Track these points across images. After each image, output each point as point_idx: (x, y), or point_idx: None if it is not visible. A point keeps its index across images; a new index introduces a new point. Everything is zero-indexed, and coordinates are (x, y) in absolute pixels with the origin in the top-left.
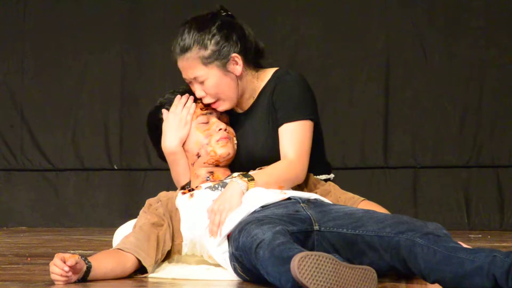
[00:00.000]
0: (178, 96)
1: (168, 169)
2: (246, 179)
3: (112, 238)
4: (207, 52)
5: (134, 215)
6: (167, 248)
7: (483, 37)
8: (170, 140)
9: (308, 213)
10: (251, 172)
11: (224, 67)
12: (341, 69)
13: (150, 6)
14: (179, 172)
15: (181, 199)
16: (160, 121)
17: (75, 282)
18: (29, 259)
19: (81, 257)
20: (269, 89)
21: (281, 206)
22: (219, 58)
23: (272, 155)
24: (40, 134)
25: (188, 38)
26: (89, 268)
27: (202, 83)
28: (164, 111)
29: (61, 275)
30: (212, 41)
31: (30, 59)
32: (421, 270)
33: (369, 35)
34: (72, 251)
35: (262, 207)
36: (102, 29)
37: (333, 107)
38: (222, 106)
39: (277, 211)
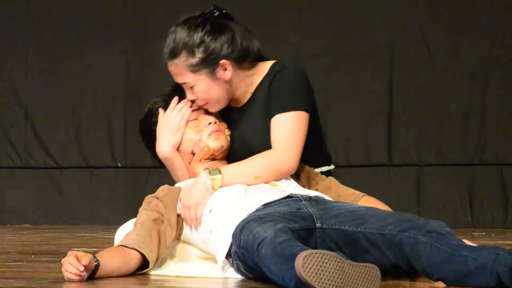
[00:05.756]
0: (176, 98)
1: None
2: (211, 175)
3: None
4: (195, 60)
5: (137, 213)
6: (170, 242)
7: (487, 34)
8: (163, 145)
9: (310, 210)
10: (222, 166)
11: (212, 74)
12: (345, 67)
13: (154, 4)
14: (178, 174)
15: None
16: (152, 125)
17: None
18: (32, 256)
19: (91, 255)
20: (267, 84)
21: (283, 204)
22: (207, 66)
23: (269, 149)
24: (44, 132)
25: (176, 43)
26: (97, 266)
27: (191, 88)
28: (160, 111)
29: (76, 274)
30: (200, 49)
31: (34, 57)
32: (424, 268)
33: (373, 33)
34: (75, 249)
35: (264, 205)
36: (106, 27)
37: (337, 105)
38: (213, 108)
39: (279, 209)
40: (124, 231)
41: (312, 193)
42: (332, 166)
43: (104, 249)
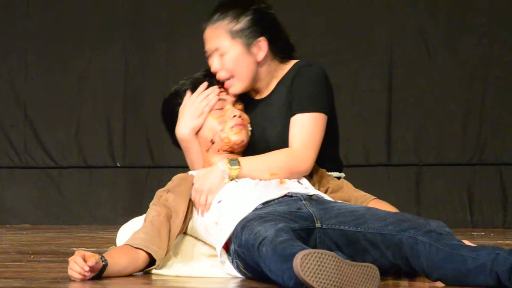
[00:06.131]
0: (205, 84)
1: (171, 167)
2: (230, 166)
3: (115, 235)
4: (237, 26)
5: (137, 212)
6: (179, 233)
7: (486, 34)
8: (182, 127)
9: (310, 210)
10: (241, 158)
11: (248, 47)
12: (345, 66)
13: (153, 4)
14: (193, 159)
15: None
16: (176, 106)
17: (88, 279)
18: (32, 256)
19: (99, 255)
20: (289, 79)
21: (283, 204)
22: (246, 37)
23: (286, 144)
24: (43, 132)
25: (224, 9)
26: (105, 266)
27: (222, 55)
28: (188, 93)
29: (80, 273)
30: (246, 19)
31: (34, 57)
32: (423, 268)
33: (372, 32)
34: (75, 249)
35: (263, 204)
36: (106, 27)
37: (336, 104)
38: (234, 87)
39: (279, 208)
40: (126, 230)
41: (311, 192)
42: (342, 174)
43: (112, 248)
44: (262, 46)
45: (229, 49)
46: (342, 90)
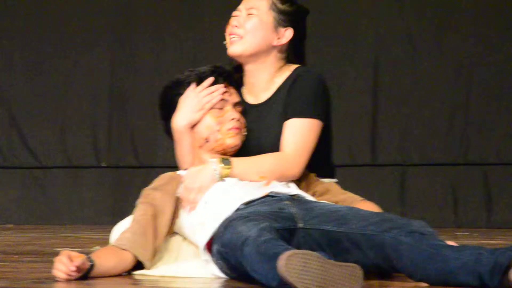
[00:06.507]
0: (211, 79)
1: (155, 167)
2: (222, 165)
3: (100, 235)
4: (279, 5)
5: (121, 212)
6: (166, 233)
7: (471, 34)
8: (180, 118)
9: (292, 210)
10: (233, 158)
11: (276, 25)
12: (329, 66)
13: (140, 3)
14: (183, 152)
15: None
16: (177, 96)
17: (75, 279)
18: (16, 257)
19: (86, 255)
20: (287, 85)
21: (265, 204)
22: (280, 17)
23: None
24: (28, 132)
25: None
26: (91, 266)
27: (249, 15)
28: (193, 84)
29: (65, 273)
30: (290, 8)
31: (19, 56)
32: (406, 268)
33: (357, 31)
34: (59, 249)
35: (246, 204)
36: (91, 26)
37: None
38: (235, 45)
39: (261, 208)
40: (121, 228)
41: (292, 191)
42: (335, 180)
43: (100, 248)
44: (286, 35)
45: (261, 14)
46: None
